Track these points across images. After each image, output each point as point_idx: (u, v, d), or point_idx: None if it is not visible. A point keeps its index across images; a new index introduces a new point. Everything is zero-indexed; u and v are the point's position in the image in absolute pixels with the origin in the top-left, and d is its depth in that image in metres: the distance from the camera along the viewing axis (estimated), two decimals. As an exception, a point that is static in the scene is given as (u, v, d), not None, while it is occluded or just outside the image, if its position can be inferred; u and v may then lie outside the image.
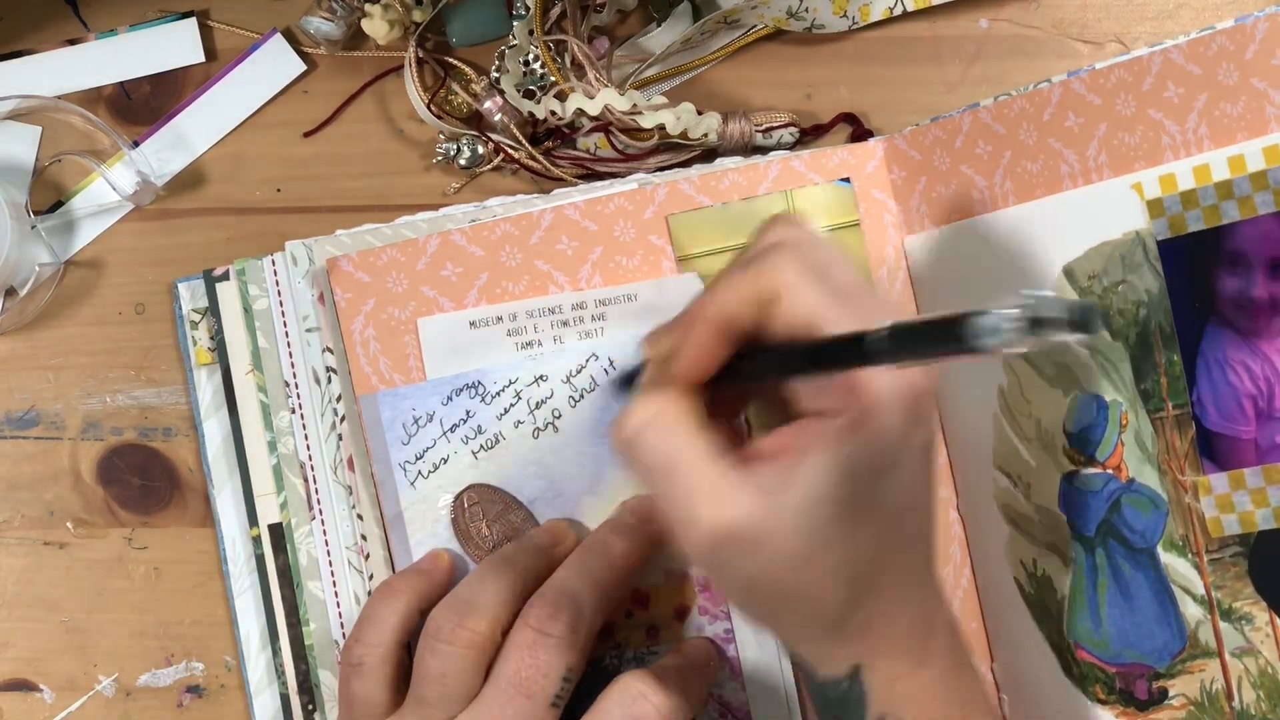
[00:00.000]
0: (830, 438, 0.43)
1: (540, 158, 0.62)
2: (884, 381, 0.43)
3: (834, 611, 0.46)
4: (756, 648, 0.57)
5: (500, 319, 0.58)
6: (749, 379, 0.48)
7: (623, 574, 0.53)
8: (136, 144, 0.64)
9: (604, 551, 0.53)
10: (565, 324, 0.58)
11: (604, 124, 0.61)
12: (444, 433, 0.58)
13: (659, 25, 0.64)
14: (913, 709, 0.47)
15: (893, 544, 0.45)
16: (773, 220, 0.48)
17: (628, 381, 0.55)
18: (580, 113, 0.60)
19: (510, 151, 0.62)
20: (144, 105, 0.64)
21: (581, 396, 0.58)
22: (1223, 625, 0.51)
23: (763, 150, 0.62)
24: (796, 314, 0.44)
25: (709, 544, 0.44)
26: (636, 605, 0.57)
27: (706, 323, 0.46)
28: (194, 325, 0.62)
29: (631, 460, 0.46)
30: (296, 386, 0.60)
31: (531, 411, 0.58)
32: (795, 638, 0.48)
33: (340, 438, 0.59)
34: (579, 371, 0.58)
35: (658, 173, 0.61)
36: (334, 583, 0.59)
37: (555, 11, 0.62)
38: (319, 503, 0.59)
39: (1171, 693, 0.53)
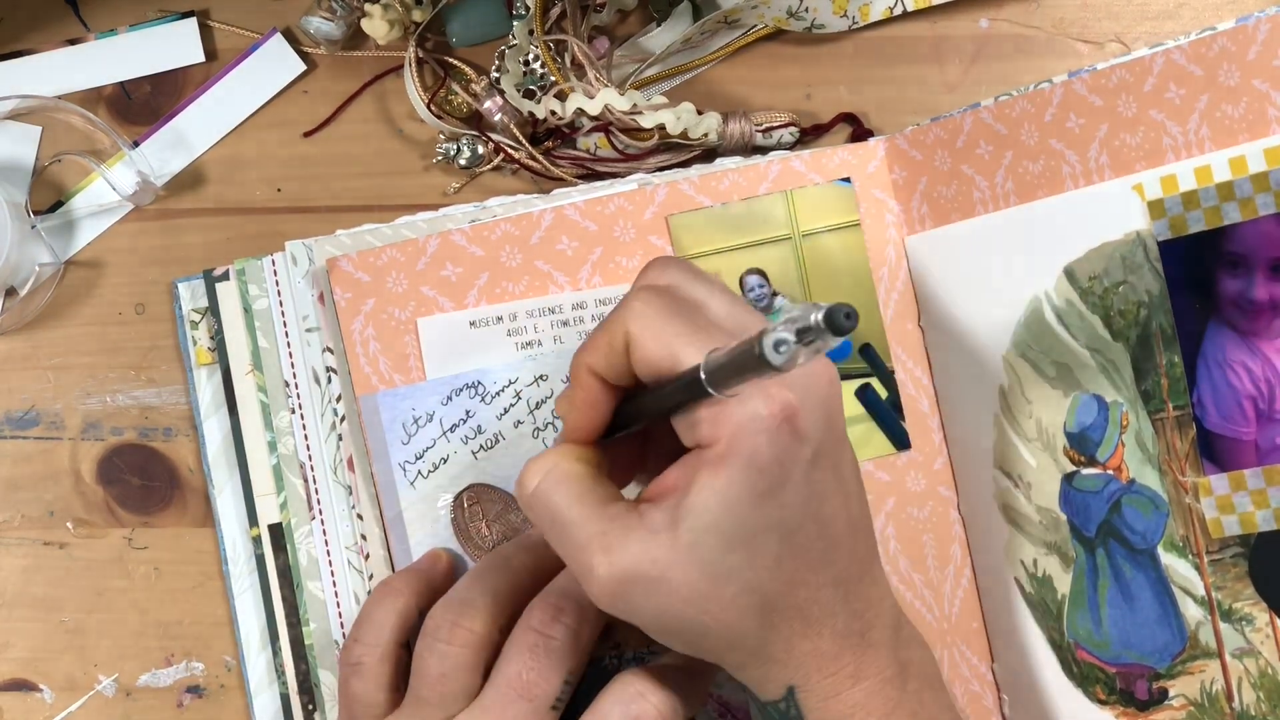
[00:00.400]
0: (706, 470, 0.44)
1: (540, 158, 0.62)
2: (748, 405, 0.43)
3: (752, 639, 0.46)
4: (757, 648, 0.57)
5: (500, 319, 0.58)
6: (630, 425, 0.49)
7: None
8: (136, 144, 0.64)
9: None
10: (565, 324, 0.58)
11: (604, 124, 0.61)
12: (444, 433, 0.58)
13: (659, 25, 0.64)
14: None
15: (799, 564, 0.45)
16: (645, 267, 0.49)
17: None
18: (580, 113, 0.60)
19: (510, 151, 0.62)
20: (144, 105, 0.64)
21: (582, 396, 0.58)
22: (1223, 626, 0.51)
23: (763, 150, 0.62)
24: (651, 356, 0.45)
25: (609, 591, 0.45)
26: (637, 605, 0.57)
27: (578, 380, 0.48)
28: (194, 325, 0.62)
29: (532, 519, 0.48)
30: (296, 386, 0.60)
31: (531, 411, 0.58)
32: (728, 666, 0.48)
33: (340, 438, 0.59)
34: (579, 371, 0.58)
35: (658, 173, 0.61)
36: (334, 583, 0.59)
37: (555, 11, 0.62)
38: (319, 503, 0.59)
39: (1171, 693, 0.53)
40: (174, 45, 0.64)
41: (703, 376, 0.42)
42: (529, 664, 0.50)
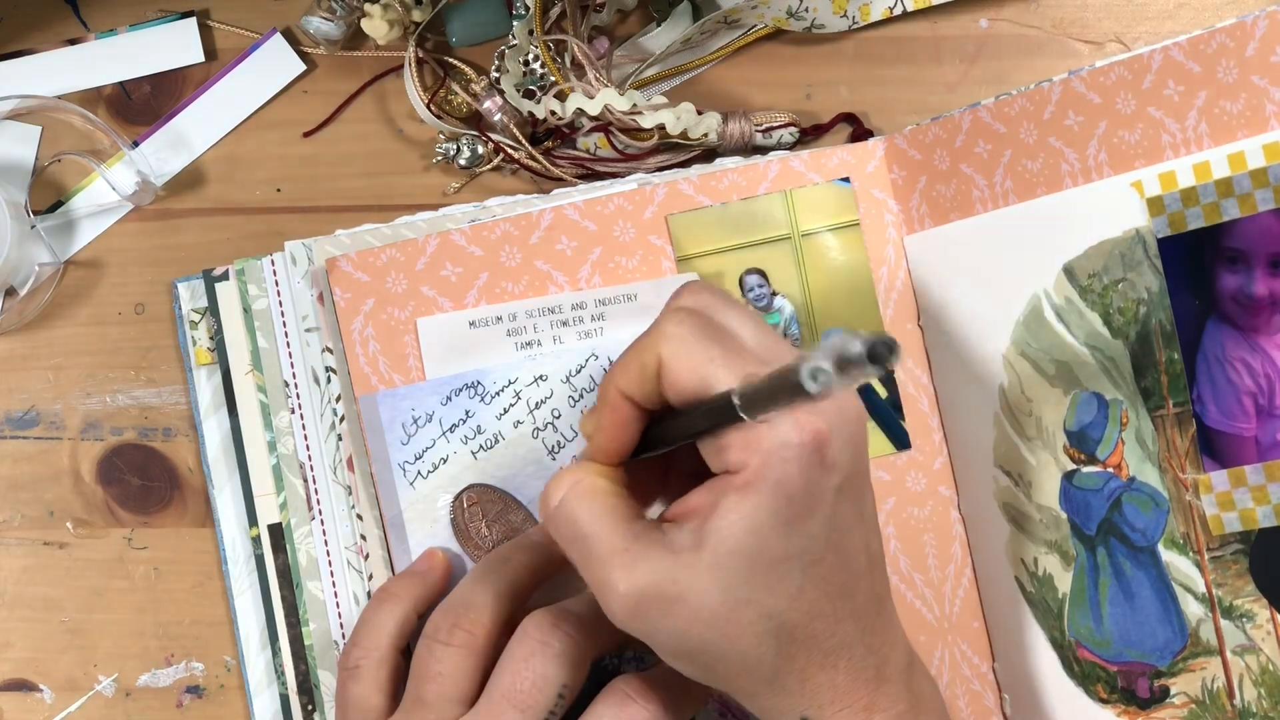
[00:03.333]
0: (734, 494, 0.44)
1: (540, 158, 0.62)
2: (779, 432, 0.43)
3: (767, 667, 0.45)
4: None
5: (500, 319, 0.58)
6: (658, 448, 0.49)
7: None
8: (136, 144, 0.64)
9: None
10: (565, 324, 0.58)
11: (604, 124, 0.61)
12: (443, 433, 0.57)
13: (659, 25, 0.64)
14: None
15: (820, 594, 0.45)
16: (677, 290, 0.49)
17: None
18: (580, 113, 0.60)
19: (510, 151, 0.62)
20: (144, 105, 0.64)
21: (581, 396, 0.58)
22: (1224, 623, 0.51)
23: (763, 150, 0.62)
24: (682, 380, 0.45)
25: (628, 608, 0.45)
26: (637, 605, 0.57)
27: (607, 401, 0.48)
28: (194, 325, 0.62)
29: (554, 533, 0.48)
30: (296, 386, 0.60)
31: (531, 411, 0.58)
32: (739, 694, 0.48)
33: (340, 438, 0.59)
34: (579, 371, 0.58)
35: (657, 173, 0.61)
36: (333, 583, 0.59)
37: (555, 11, 0.62)
38: (318, 503, 0.59)
39: (1173, 691, 0.53)
40: (174, 45, 0.64)
41: (736, 401, 0.41)
42: (523, 673, 0.49)
